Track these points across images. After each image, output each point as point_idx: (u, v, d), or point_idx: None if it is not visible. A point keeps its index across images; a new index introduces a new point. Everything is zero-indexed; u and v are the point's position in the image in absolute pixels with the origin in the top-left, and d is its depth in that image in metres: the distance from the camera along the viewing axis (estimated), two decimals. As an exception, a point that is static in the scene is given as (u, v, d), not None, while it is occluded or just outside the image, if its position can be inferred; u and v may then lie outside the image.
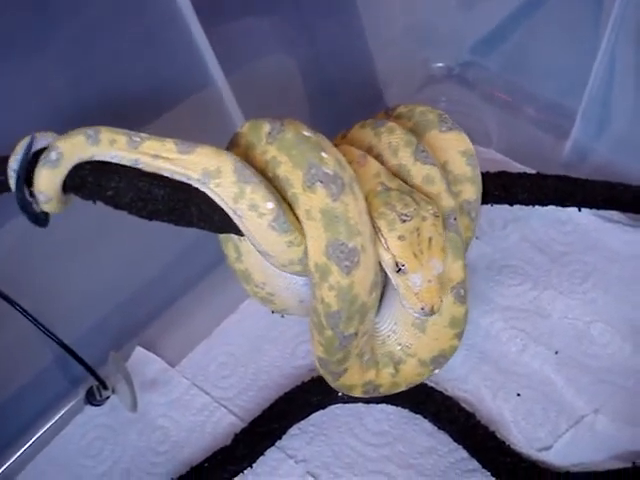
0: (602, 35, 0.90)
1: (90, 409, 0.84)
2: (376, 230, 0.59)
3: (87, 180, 0.59)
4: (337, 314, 0.59)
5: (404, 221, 0.58)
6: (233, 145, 0.63)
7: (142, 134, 0.59)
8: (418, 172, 0.64)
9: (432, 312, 0.58)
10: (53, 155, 0.55)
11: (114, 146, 0.58)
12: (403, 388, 0.71)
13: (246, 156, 0.61)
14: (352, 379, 0.67)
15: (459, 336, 0.67)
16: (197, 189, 0.60)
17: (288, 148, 0.58)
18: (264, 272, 0.68)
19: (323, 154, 0.57)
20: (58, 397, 0.85)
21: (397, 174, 0.64)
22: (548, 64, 0.99)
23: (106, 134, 0.57)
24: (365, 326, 0.62)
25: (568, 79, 0.97)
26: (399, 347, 0.68)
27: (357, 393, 0.69)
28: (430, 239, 0.59)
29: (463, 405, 0.80)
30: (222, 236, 0.70)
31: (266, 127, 0.60)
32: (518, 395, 0.81)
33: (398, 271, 0.59)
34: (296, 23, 0.99)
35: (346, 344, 0.62)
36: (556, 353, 0.82)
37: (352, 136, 0.69)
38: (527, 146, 0.95)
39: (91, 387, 0.82)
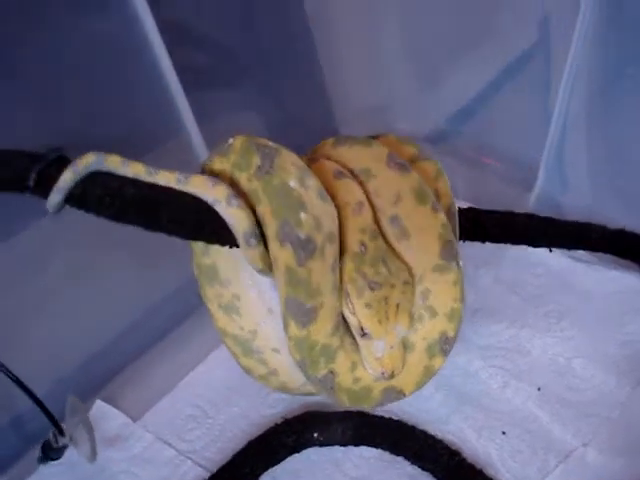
0: (556, 100, 0.95)
1: (44, 469, 0.77)
2: (344, 293, 0.60)
3: (54, 176, 0.58)
4: (301, 362, 0.60)
5: (373, 289, 0.59)
6: (221, 156, 0.61)
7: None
8: None
9: (392, 377, 0.60)
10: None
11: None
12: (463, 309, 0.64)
13: (232, 173, 0.60)
14: (410, 378, 0.65)
15: (435, 208, 0.62)
16: (169, 191, 0.60)
17: (270, 194, 0.57)
18: (231, 266, 0.65)
19: (302, 215, 0.56)
20: (9, 457, 0.78)
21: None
22: (510, 128, 1.03)
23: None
24: (342, 364, 0.61)
25: (529, 138, 1.00)
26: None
27: (440, 363, 0.66)
28: (397, 305, 0.60)
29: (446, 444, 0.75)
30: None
31: (256, 159, 0.58)
32: (503, 433, 0.76)
33: (363, 335, 0.59)
34: (266, 89, 1.03)
35: (331, 384, 0.62)
36: (539, 389, 0.79)
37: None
38: (493, 199, 0.96)
39: (47, 440, 0.76)
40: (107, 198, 0.58)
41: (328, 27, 1.07)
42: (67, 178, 0.56)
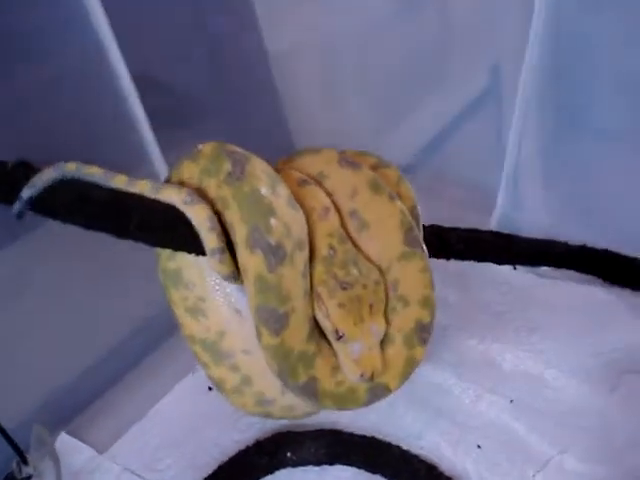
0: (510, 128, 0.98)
1: (6, 506, 0.74)
2: (316, 296, 0.59)
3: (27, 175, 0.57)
4: (280, 372, 0.59)
5: (344, 289, 0.59)
6: (190, 161, 0.61)
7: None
8: None
9: (372, 378, 0.58)
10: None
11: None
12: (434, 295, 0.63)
13: (200, 180, 0.60)
14: (393, 372, 0.62)
15: (391, 197, 0.63)
16: (141, 198, 0.59)
17: (241, 200, 0.57)
18: (196, 270, 0.64)
19: (272, 220, 0.56)
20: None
21: None
22: (469, 158, 1.05)
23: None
24: (321, 369, 0.60)
25: (487, 167, 1.02)
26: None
27: (421, 353, 0.62)
28: (371, 306, 0.59)
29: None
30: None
31: (227, 165, 0.58)
32: (479, 447, 0.76)
33: (338, 338, 0.58)
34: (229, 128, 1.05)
35: (313, 391, 0.60)
36: (511, 402, 0.79)
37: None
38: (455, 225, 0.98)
39: (11, 471, 0.73)
40: (78, 203, 0.58)
41: (290, 68, 1.10)
42: (70, 168, 0.57)
